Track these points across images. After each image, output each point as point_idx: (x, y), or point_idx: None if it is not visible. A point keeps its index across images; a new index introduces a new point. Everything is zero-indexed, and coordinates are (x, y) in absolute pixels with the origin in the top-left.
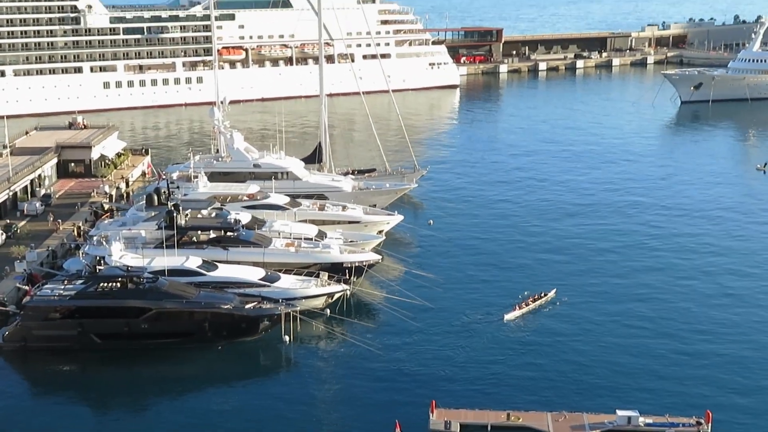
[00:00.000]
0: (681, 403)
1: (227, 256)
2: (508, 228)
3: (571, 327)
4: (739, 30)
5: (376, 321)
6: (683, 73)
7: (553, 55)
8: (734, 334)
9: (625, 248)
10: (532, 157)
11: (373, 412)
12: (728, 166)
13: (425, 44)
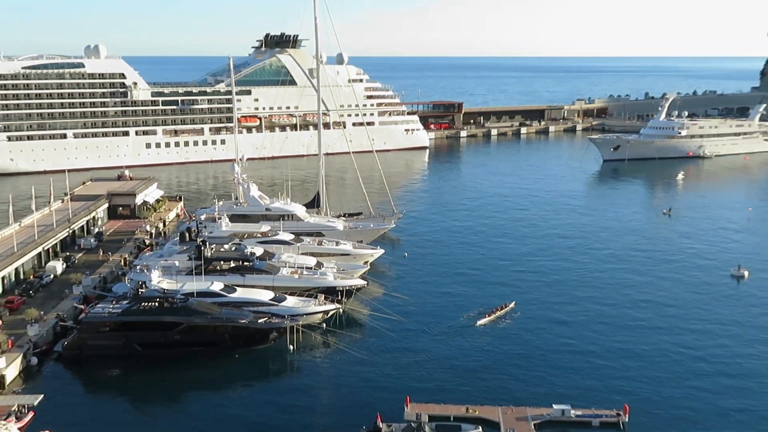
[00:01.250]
0: (604, 399)
1: (244, 281)
2: (470, 259)
3: (522, 334)
4: (649, 104)
5: (362, 333)
6: (605, 138)
7: (502, 123)
8: (646, 343)
9: (565, 272)
10: (487, 202)
11: (359, 405)
12: (641, 210)
13: (402, 114)
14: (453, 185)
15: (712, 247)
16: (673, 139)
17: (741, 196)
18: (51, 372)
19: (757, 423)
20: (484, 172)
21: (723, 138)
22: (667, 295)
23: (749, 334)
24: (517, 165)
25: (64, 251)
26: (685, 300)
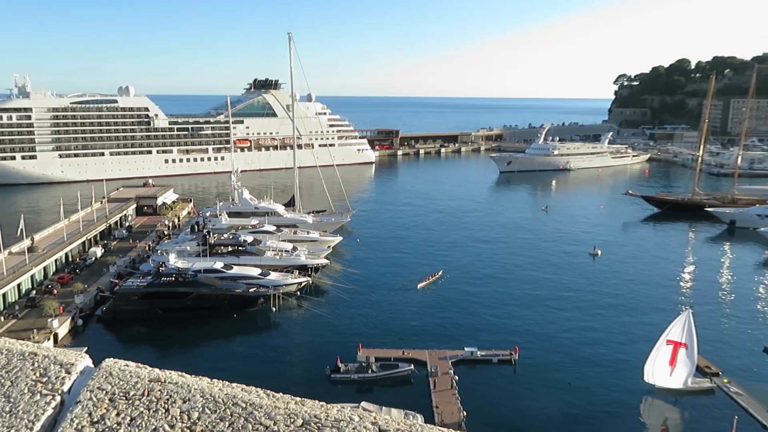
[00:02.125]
0: (501, 342)
1: (239, 261)
2: (407, 242)
3: (448, 295)
4: (532, 131)
5: (326, 298)
6: (501, 156)
7: (427, 145)
8: (531, 302)
9: (475, 250)
10: (418, 202)
11: (324, 351)
12: (526, 208)
13: (355, 138)
14: (393, 190)
15: (575, 233)
16: (549, 156)
17: (595, 198)
18: (93, 331)
19: (606, 357)
20: (415, 181)
21: (583, 156)
22: (545, 268)
23: (601, 295)
24: (439, 175)
25: (103, 240)
26: (557, 271)
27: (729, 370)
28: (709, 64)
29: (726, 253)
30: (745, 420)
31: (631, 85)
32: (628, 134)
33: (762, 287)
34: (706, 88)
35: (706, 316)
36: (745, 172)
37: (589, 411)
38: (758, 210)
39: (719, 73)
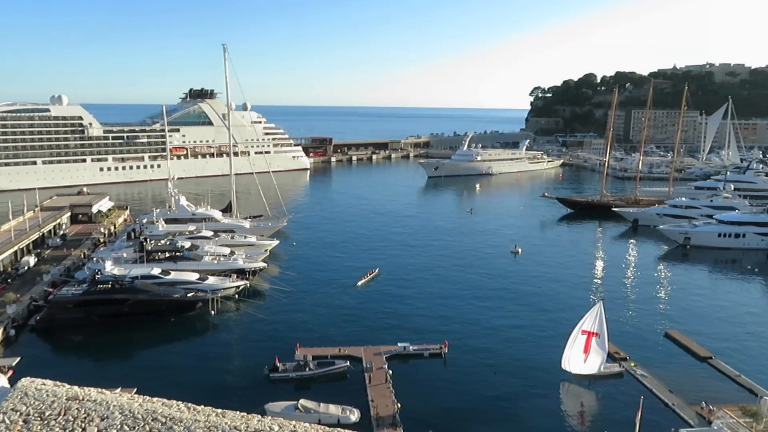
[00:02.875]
0: (432, 337)
1: (176, 266)
2: (343, 244)
3: (382, 293)
4: (457, 139)
5: (264, 300)
6: (428, 162)
7: (359, 152)
8: (459, 298)
9: (408, 249)
10: (352, 205)
11: (263, 351)
12: (453, 210)
13: (290, 146)
14: (327, 195)
15: (498, 233)
16: (472, 162)
17: (515, 200)
18: (27, 340)
19: (528, 348)
20: (349, 186)
21: (503, 162)
22: (471, 266)
23: (522, 290)
24: (371, 181)
25: (36, 249)
26: (482, 269)
27: (635, 354)
28: (612, 79)
29: (631, 249)
30: (650, 400)
31: (545, 96)
32: (543, 141)
33: (662, 279)
34: (611, 100)
35: (615, 307)
36: (646, 175)
37: (513, 397)
38: (657, 209)
39: (621, 87)
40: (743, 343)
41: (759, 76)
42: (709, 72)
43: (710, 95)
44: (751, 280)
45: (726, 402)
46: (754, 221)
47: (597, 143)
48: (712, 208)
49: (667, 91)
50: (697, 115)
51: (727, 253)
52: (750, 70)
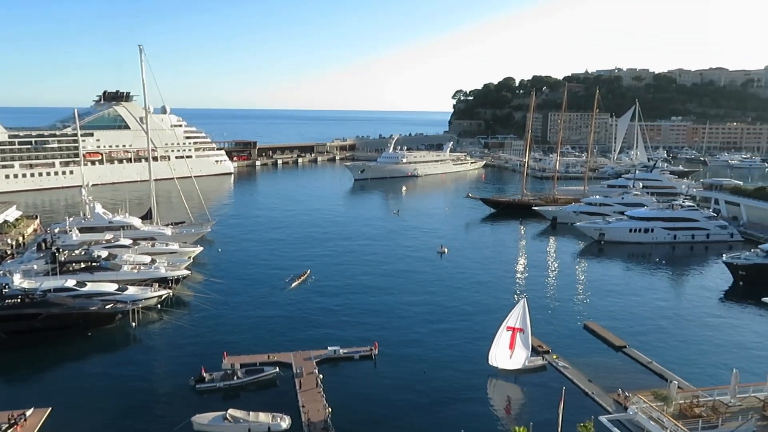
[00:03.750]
0: (362, 339)
1: (93, 277)
2: (270, 248)
3: (311, 296)
4: (382, 141)
5: (189, 310)
6: (354, 164)
7: (285, 155)
8: (388, 299)
9: (337, 251)
10: (278, 209)
11: (188, 362)
12: (380, 212)
13: (213, 149)
14: (253, 199)
15: (425, 234)
16: (398, 164)
17: (441, 201)
18: None
19: (456, 346)
20: (275, 190)
21: (428, 163)
22: (399, 267)
23: (450, 289)
24: (297, 184)
25: None
26: (410, 269)
27: (557, 347)
28: (530, 82)
29: (550, 246)
30: (572, 389)
31: (467, 99)
32: (466, 143)
33: (579, 273)
34: (529, 103)
35: (538, 302)
36: (563, 175)
37: (442, 395)
38: (574, 207)
39: (538, 90)
40: (654, 332)
41: (661, 80)
42: (618, 76)
43: (619, 98)
44: (660, 272)
45: (640, 388)
46: (661, 216)
47: (517, 144)
48: (624, 205)
49: (581, 95)
50: (608, 117)
51: (637, 247)
52: (654, 75)
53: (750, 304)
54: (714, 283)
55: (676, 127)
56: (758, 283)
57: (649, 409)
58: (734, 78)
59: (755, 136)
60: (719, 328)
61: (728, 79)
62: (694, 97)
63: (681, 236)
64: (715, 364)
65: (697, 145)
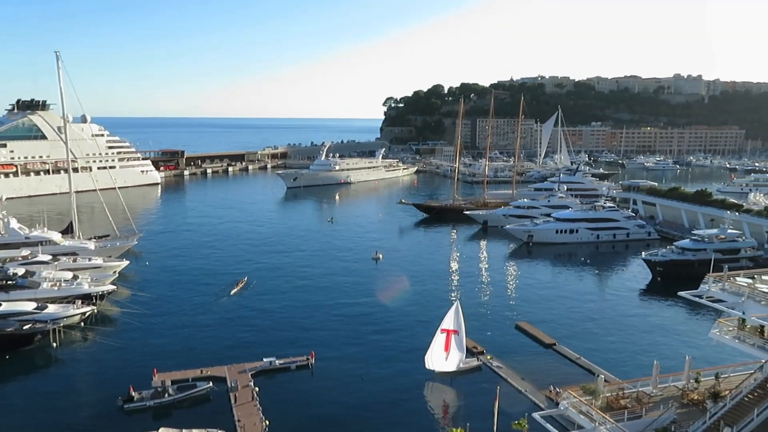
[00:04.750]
0: (298, 349)
1: (9, 296)
2: (202, 259)
3: (246, 308)
4: (314, 149)
5: (115, 326)
6: (287, 173)
7: (215, 164)
8: (324, 307)
9: (271, 260)
10: (209, 220)
11: (115, 381)
12: (314, 219)
13: (138, 159)
14: (182, 209)
15: (359, 240)
16: (331, 172)
17: (374, 207)
18: None
19: (393, 351)
20: (205, 200)
21: (361, 170)
22: (334, 274)
23: (385, 294)
24: (228, 193)
25: None
26: (346, 276)
27: (491, 347)
28: (458, 90)
29: (482, 249)
30: (506, 388)
31: (398, 106)
32: (398, 150)
33: (510, 274)
34: (458, 110)
35: (471, 304)
36: (492, 179)
37: (380, 401)
38: (504, 211)
39: (466, 97)
40: (581, 328)
41: (581, 87)
42: (541, 84)
43: (543, 105)
44: (585, 271)
45: (570, 383)
46: (585, 218)
47: (447, 150)
48: (550, 208)
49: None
50: (533, 123)
51: (564, 248)
52: (574, 83)
53: (667, 298)
54: (634, 279)
55: (596, 132)
56: (674, 277)
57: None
58: (647, 85)
59: (667, 139)
60: (641, 322)
61: (641, 87)
62: (611, 103)
63: (603, 236)
64: (638, 356)
65: (616, 148)
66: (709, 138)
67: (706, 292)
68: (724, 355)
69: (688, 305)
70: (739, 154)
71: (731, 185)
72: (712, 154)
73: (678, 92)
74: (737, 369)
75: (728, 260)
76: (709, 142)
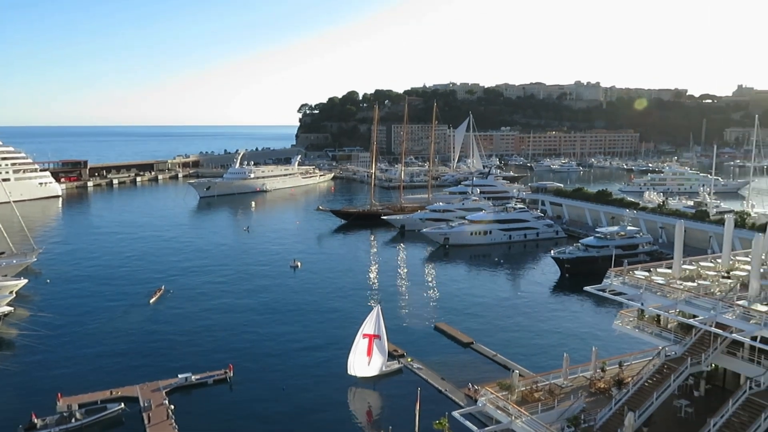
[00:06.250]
0: (216, 363)
1: None
2: (108, 274)
3: (158, 323)
4: (228, 157)
5: (13, 350)
6: (199, 182)
7: (121, 174)
8: (241, 317)
9: (185, 270)
10: (116, 232)
11: (14, 409)
12: (229, 229)
13: (35, 171)
14: (86, 223)
15: (277, 248)
16: (246, 180)
17: (291, 215)
18: None
19: (314, 359)
20: (111, 212)
21: (277, 178)
22: (252, 284)
23: (305, 303)
24: (137, 205)
25: None
26: (263, 286)
27: (411, 350)
28: (372, 96)
29: (400, 253)
30: (427, 389)
31: (313, 113)
32: (314, 156)
33: (428, 277)
34: (372, 116)
35: (391, 308)
36: (408, 184)
37: (303, 410)
38: (420, 215)
39: (381, 103)
40: (497, 326)
41: (491, 94)
42: (452, 90)
43: (455, 111)
44: (499, 271)
45: (487, 380)
46: (497, 219)
47: (364, 156)
48: (464, 210)
49: (420, 107)
50: (446, 128)
51: (478, 249)
52: (484, 89)
53: (575, 293)
54: (545, 276)
55: (505, 136)
56: (580, 273)
57: (495, 399)
58: (551, 92)
59: (570, 143)
60: (552, 317)
61: (546, 93)
62: (519, 108)
63: (515, 236)
64: (550, 350)
65: (524, 152)
66: (608, 141)
67: (609, 286)
68: (626, 344)
69: (593, 299)
70: (635, 155)
71: (631, 185)
72: (611, 156)
73: (579, 98)
74: (638, 357)
75: (628, 255)
76: (608, 145)
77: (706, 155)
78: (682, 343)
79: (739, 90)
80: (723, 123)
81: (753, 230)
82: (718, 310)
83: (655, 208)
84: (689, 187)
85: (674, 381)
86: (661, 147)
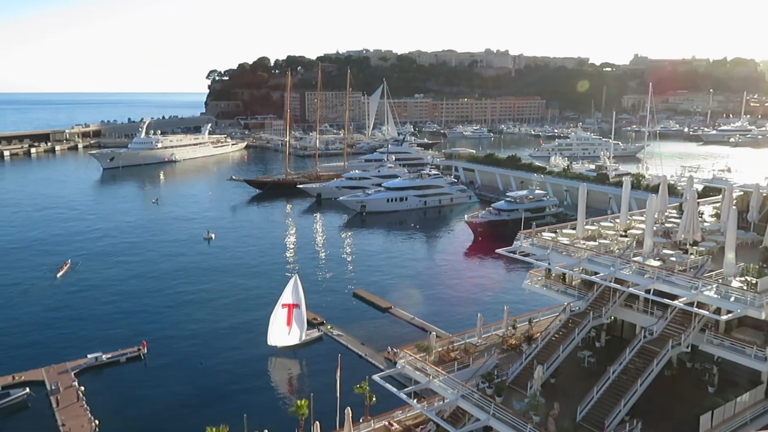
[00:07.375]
0: (128, 340)
1: None
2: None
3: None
4: (132, 126)
5: None
6: (102, 152)
7: (13, 146)
8: (154, 292)
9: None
10: (7, 210)
11: None
12: (137, 202)
13: None
14: None
15: (190, 220)
16: (153, 150)
17: (203, 185)
18: None
19: (232, 332)
20: (4, 186)
21: (187, 147)
22: (164, 258)
23: (220, 275)
24: (32, 178)
25: None
26: (176, 259)
27: (330, 317)
28: (284, 62)
29: (317, 222)
30: (347, 355)
31: (223, 80)
32: (225, 125)
33: (346, 245)
34: (286, 83)
35: (310, 277)
36: (323, 152)
37: (223, 384)
38: (336, 183)
39: (293, 70)
40: (414, 291)
41: (404, 61)
42: (366, 57)
43: (369, 78)
44: (415, 236)
45: (406, 343)
46: (413, 185)
47: (277, 124)
48: (380, 178)
49: (334, 74)
50: (360, 95)
51: (395, 215)
52: (397, 56)
53: (487, 255)
54: (459, 240)
55: (419, 103)
56: (492, 236)
57: (413, 360)
58: (462, 59)
59: (482, 110)
60: (466, 279)
61: (458, 61)
62: (432, 76)
63: (430, 202)
64: (464, 310)
65: (438, 119)
66: (516, 108)
67: (519, 248)
68: (535, 302)
69: (505, 261)
70: (542, 122)
71: (540, 150)
72: (520, 123)
73: (489, 66)
74: (546, 313)
75: (536, 218)
76: (517, 112)
77: (606, 121)
78: (585, 299)
79: (636, 59)
80: (621, 90)
81: (647, 191)
82: (617, 267)
83: (560, 172)
84: (593, 151)
85: (578, 334)
86: (566, 113)
